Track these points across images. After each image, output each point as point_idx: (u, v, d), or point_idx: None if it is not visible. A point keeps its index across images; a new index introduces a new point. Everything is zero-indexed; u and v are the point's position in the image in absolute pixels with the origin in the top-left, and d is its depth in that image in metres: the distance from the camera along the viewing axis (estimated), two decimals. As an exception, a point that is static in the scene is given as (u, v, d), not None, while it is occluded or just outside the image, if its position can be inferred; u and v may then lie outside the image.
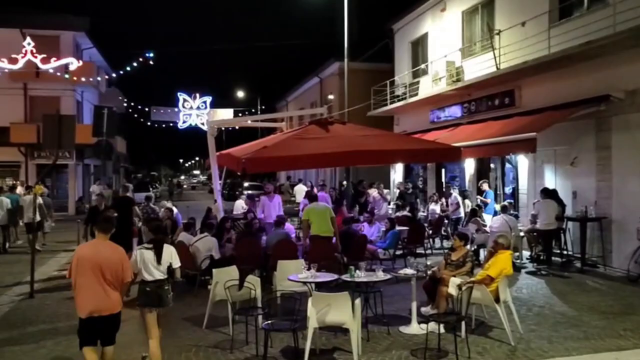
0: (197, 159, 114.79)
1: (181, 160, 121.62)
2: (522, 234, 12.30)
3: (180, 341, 6.91)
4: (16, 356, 6.51)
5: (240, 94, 47.74)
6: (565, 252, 11.98)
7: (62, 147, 10.10)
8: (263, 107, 45.02)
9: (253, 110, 41.41)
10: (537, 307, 8.45)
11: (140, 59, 26.42)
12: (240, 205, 15.52)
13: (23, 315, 8.28)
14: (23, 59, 24.84)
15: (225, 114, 34.00)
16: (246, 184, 31.22)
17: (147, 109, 34.08)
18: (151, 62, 26.55)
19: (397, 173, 22.27)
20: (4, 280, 10.88)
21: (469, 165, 17.02)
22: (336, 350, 6.52)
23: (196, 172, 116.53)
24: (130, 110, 34.63)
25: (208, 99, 34.34)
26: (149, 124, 35.68)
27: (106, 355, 5.25)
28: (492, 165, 16.35)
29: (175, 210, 13.59)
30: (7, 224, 15.19)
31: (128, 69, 27.06)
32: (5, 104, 25.49)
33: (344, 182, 19.73)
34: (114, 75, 30.71)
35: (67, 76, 25.44)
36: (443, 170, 19.35)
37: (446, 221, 15.01)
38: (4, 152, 25.45)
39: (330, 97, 29.93)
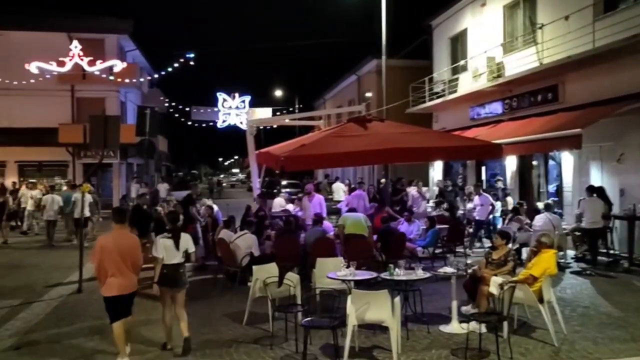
0: (236, 157, 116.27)
1: (220, 159, 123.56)
2: (566, 232, 11.98)
3: (221, 337, 7.05)
4: (66, 349, 6.77)
5: (278, 92, 48.12)
6: (611, 252, 11.61)
7: (108, 147, 10.40)
8: (301, 105, 45.27)
9: (291, 109, 41.66)
10: (581, 308, 8.23)
11: (181, 60, 26.99)
12: (279, 203, 15.69)
13: (71, 309, 8.60)
14: (70, 61, 25.77)
15: (264, 113, 34.36)
16: (284, 182, 31.43)
17: (187, 109, 34.79)
18: (191, 63, 27.09)
19: (436, 171, 22.03)
20: (54, 275, 11.31)
21: (511, 163, 16.68)
22: (375, 348, 6.52)
23: (235, 170, 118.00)
24: (171, 110, 35.41)
25: (247, 99, 34.78)
26: (189, 123, 36.42)
27: (127, 323, 6.28)
28: (534, 163, 16.00)
29: (215, 208, 13.85)
30: (56, 219, 16.04)
31: (169, 69, 27.69)
32: (54, 106, 26.47)
33: (382, 180, 19.62)
34: (155, 76, 31.45)
35: (111, 78, 26.21)
36: (483, 168, 19.03)
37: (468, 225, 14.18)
38: (53, 152, 26.41)
39: (368, 94, 29.81)
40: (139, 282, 6.39)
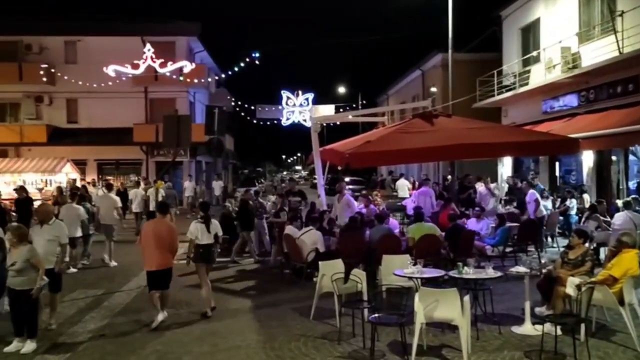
0: (298, 154, 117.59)
1: (283, 157, 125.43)
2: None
3: (289, 331, 7.18)
4: (145, 336, 7.14)
5: (341, 89, 48.04)
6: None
7: (180, 145, 10.86)
8: (364, 101, 45.01)
9: (354, 106, 41.56)
10: (667, 312, 7.71)
11: (247, 59, 27.56)
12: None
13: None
14: (144, 64, 26.97)
15: (327, 110, 34.46)
16: (347, 179, 31.46)
17: (252, 107, 35.53)
18: (257, 62, 27.60)
19: (505, 167, 21.33)
20: (133, 267, 11.81)
21: (587, 158, 15.87)
22: (444, 347, 6.42)
23: (298, 167, 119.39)
24: (237, 109, 36.29)
25: (310, 96, 35.01)
26: (254, 121, 37.17)
27: (164, 296, 7.70)
28: (613, 158, 15.16)
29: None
30: (142, 211, 17.29)
31: (235, 69, 28.35)
32: (129, 107, 27.82)
33: (449, 177, 19.23)
34: (222, 75, 32.32)
35: (181, 78, 27.21)
36: (557, 164, 18.23)
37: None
38: (128, 151, 27.79)
39: (433, 89, 29.28)
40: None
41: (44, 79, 26.73)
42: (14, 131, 26.85)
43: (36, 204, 18.02)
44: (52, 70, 27.18)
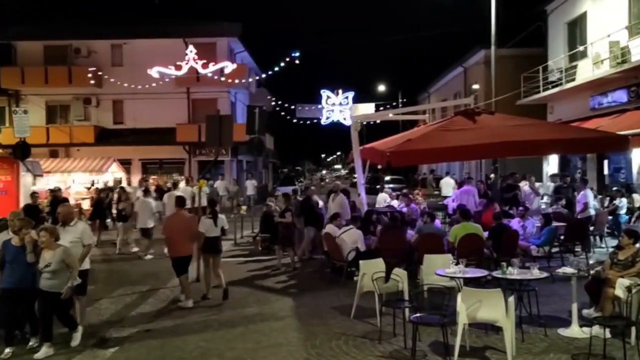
0: (338, 153, 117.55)
1: (323, 155, 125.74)
2: None
3: (329, 329, 7.20)
4: (188, 335, 7.30)
5: (381, 87, 47.61)
6: None
7: (222, 144, 11.01)
8: (404, 99, 44.58)
9: (394, 104, 41.24)
10: None
11: (287, 59, 27.71)
12: (382, 199, 15.64)
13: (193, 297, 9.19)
14: (186, 65, 27.51)
15: (367, 109, 34.21)
16: (387, 178, 31.25)
17: (292, 107, 35.74)
18: (297, 62, 27.71)
19: (550, 165, 20.76)
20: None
21: (637, 156, 15.27)
22: (488, 348, 6.31)
23: (337, 166, 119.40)
24: (277, 109, 36.60)
25: (350, 95, 34.93)
26: (294, 121, 37.40)
27: (181, 280, 8.68)
28: (666, 156, 14.53)
29: (320, 203, 14.16)
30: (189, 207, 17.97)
31: (276, 69, 28.55)
32: (172, 107, 28.47)
33: (492, 175, 18.83)
34: (263, 75, 32.63)
35: (222, 79, 27.63)
36: (605, 162, 17.61)
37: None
38: (172, 151, 28.44)
39: (475, 86, 28.75)
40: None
41: (92, 82, 27.64)
42: (64, 132, 27.92)
43: (84, 204, 18.73)
44: (100, 73, 28.09)
